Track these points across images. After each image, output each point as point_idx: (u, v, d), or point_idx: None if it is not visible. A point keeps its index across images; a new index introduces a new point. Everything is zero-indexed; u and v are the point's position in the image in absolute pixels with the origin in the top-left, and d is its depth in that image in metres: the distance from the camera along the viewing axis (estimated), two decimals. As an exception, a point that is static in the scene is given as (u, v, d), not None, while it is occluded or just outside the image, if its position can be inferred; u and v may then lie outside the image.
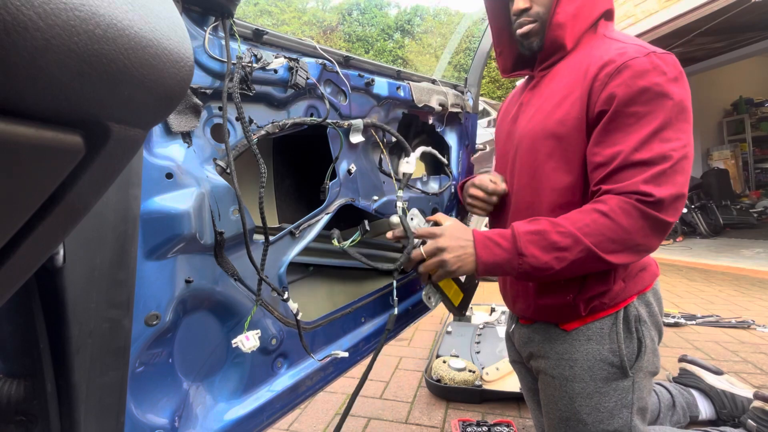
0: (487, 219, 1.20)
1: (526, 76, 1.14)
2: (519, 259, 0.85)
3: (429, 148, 1.20)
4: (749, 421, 1.59)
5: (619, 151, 0.83)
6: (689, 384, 1.79)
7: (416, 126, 1.41)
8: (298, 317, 0.87)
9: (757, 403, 1.61)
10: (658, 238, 0.83)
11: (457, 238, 0.90)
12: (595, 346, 0.94)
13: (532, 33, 0.99)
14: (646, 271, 0.99)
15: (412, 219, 1.05)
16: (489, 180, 1.11)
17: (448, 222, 0.98)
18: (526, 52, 1.04)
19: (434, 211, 1.36)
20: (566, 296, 0.94)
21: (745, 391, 1.76)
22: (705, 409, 1.72)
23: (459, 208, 1.51)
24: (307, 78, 0.83)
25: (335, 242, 0.96)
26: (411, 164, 1.09)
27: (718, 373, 1.84)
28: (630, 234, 0.81)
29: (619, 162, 0.83)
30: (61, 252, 0.47)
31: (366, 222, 1.07)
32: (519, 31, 1.00)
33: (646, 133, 0.82)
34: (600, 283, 0.93)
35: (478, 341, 2.54)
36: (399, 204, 1.04)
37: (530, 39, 1.00)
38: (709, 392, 1.74)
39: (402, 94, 1.12)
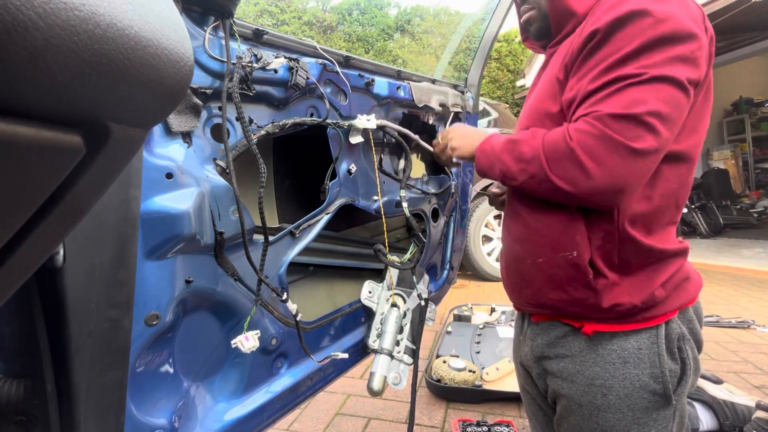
0: (487, 219, 1.18)
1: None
2: (498, 164, 0.86)
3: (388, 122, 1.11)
4: (753, 431, 1.59)
5: (579, 86, 0.76)
6: (692, 396, 1.78)
7: (416, 126, 1.41)
8: (298, 318, 0.87)
9: (760, 414, 1.61)
10: (613, 161, 0.71)
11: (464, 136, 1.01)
12: (632, 370, 0.79)
13: (532, 20, 0.95)
14: (690, 281, 0.84)
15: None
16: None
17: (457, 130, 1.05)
18: (533, 38, 1.00)
19: (434, 212, 1.36)
20: (585, 275, 0.80)
21: (744, 399, 1.76)
22: (706, 420, 1.72)
23: (458, 208, 1.51)
24: (307, 78, 0.83)
25: (393, 258, 1.03)
26: (372, 121, 1.03)
27: (717, 382, 1.84)
28: (574, 151, 0.73)
29: (579, 97, 0.76)
30: (61, 252, 0.47)
31: (420, 235, 1.13)
32: (521, 19, 0.97)
33: (611, 60, 0.72)
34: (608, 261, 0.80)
35: (478, 341, 2.54)
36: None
37: (531, 25, 0.96)
38: (712, 404, 1.73)
39: (402, 94, 1.12)
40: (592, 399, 0.81)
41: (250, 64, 0.74)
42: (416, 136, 1.17)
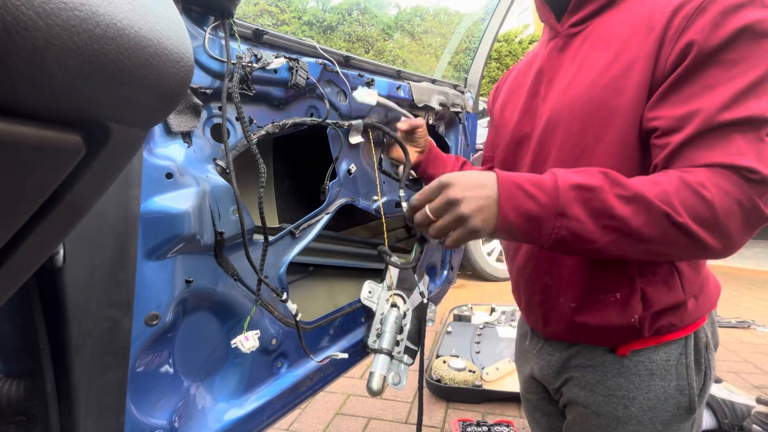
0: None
1: (547, 35, 0.85)
2: (556, 220, 0.60)
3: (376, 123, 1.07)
4: (754, 426, 1.60)
5: (697, 109, 0.59)
6: None
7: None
8: (298, 318, 0.87)
9: (760, 408, 1.62)
10: (748, 235, 0.59)
11: (473, 186, 0.63)
12: (659, 382, 0.75)
13: None
14: (711, 284, 0.79)
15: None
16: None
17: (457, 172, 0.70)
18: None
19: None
20: (629, 317, 0.72)
21: (743, 398, 1.77)
22: (705, 419, 1.73)
23: None
24: (307, 78, 0.83)
25: (400, 259, 1.00)
26: (372, 94, 0.98)
27: (717, 381, 1.85)
28: (723, 220, 0.57)
29: (699, 125, 0.59)
30: (61, 252, 0.47)
31: (422, 238, 1.10)
32: None
33: (741, 86, 0.57)
34: (669, 293, 0.72)
35: (478, 341, 2.54)
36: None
37: None
38: (711, 403, 1.74)
39: (402, 93, 1.12)
40: (612, 410, 0.77)
41: (250, 64, 0.74)
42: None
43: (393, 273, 1.15)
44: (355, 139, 1.00)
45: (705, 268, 0.80)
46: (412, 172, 1.16)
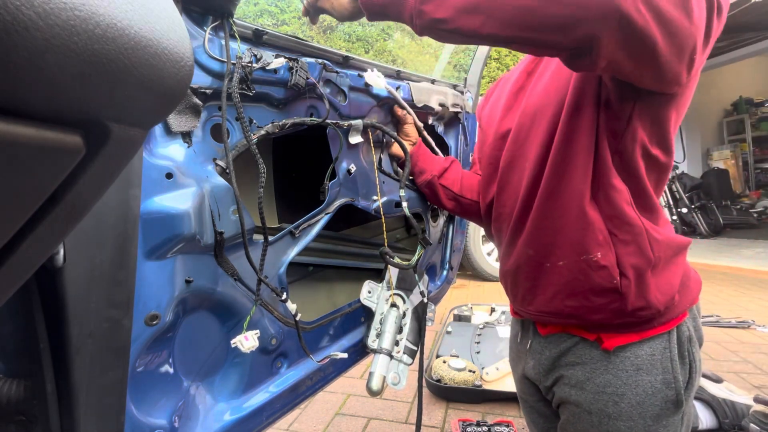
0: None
1: None
2: (415, 4, 0.69)
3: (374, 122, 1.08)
4: (751, 425, 1.60)
5: None
6: None
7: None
8: (297, 318, 0.87)
9: (758, 407, 1.62)
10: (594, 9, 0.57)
11: None
12: (645, 377, 0.77)
13: None
14: (692, 279, 0.84)
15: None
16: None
17: None
18: None
19: (434, 212, 1.36)
20: (611, 278, 0.75)
21: (743, 398, 1.77)
22: (705, 418, 1.73)
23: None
24: (307, 78, 0.83)
25: (402, 261, 1.04)
26: (381, 78, 1.01)
27: (717, 381, 1.85)
28: None
29: None
30: (61, 252, 0.47)
31: (425, 236, 1.12)
32: None
33: None
34: (639, 254, 0.75)
35: (478, 341, 2.54)
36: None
37: None
38: (711, 402, 1.74)
39: (401, 94, 1.12)
40: (603, 407, 0.79)
41: (249, 64, 0.74)
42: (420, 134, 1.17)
43: (393, 273, 1.15)
44: (355, 139, 1.00)
45: (687, 264, 0.83)
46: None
